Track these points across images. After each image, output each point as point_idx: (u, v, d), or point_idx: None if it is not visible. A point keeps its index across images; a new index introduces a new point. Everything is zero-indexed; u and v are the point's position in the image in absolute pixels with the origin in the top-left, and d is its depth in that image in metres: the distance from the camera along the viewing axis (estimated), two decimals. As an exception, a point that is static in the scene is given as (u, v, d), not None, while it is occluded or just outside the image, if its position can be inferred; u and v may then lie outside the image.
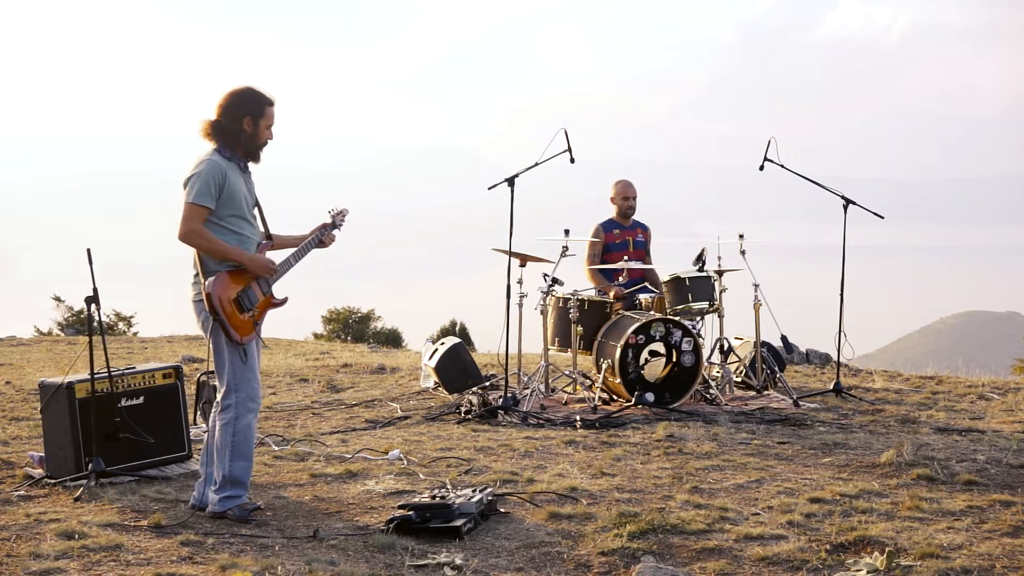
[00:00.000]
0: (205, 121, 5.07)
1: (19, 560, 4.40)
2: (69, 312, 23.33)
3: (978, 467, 5.97)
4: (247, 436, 5.07)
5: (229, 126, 5.03)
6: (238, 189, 5.04)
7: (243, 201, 5.07)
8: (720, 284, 8.75)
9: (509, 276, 8.02)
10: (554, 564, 4.44)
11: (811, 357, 11.37)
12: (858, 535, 4.65)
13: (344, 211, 5.48)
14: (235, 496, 5.06)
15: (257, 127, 5.06)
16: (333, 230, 5.42)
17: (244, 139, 5.06)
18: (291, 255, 5.27)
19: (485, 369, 9.64)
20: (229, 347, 5.01)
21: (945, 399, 8.69)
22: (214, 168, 4.96)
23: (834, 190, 8.91)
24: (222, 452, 5.05)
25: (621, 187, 9.21)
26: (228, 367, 5.02)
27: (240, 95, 5.06)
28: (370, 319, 25.21)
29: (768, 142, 8.72)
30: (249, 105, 5.05)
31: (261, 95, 5.08)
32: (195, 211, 4.92)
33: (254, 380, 5.09)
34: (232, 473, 5.04)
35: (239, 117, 5.03)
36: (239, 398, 5.04)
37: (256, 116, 5.05)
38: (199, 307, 5.05)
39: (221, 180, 4.96)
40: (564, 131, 8.00)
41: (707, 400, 8.33)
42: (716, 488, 5.64)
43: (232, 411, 5.04)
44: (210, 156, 5.02)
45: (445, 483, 5.60)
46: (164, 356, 13.23)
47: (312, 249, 5.34)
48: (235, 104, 5.04)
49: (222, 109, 5.05)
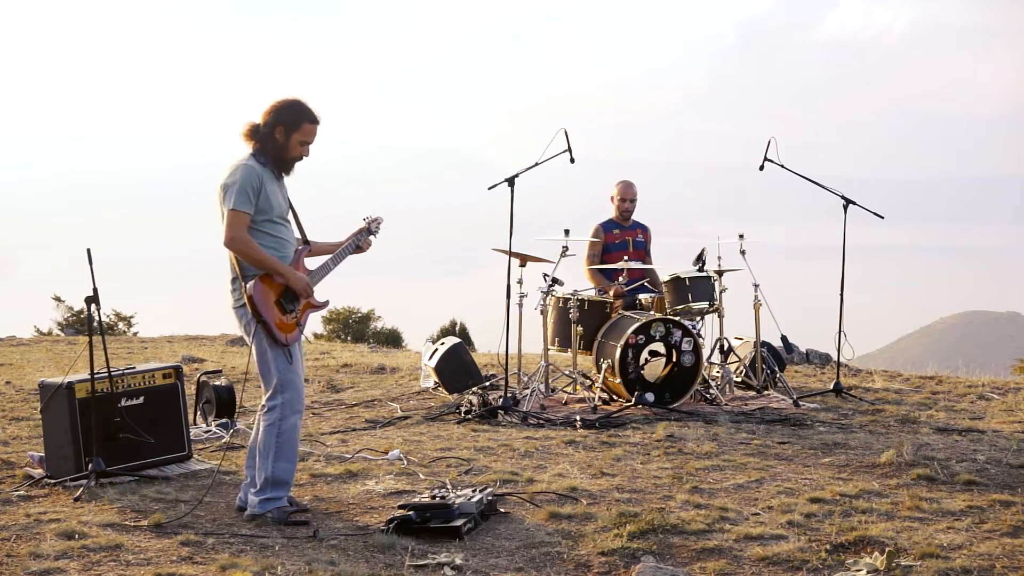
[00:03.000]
0: (249, 123, 5.07)
1: (19, 560, 4.40)
2: (69, 312, 23.31)
3: (978, 467, 5.97)
4: (292, 438, 5.07)
5: (265, 131, 5.03)
6: (273, 194, 5.03)
7: (279, 206, 5.07)
8: (720, 284, 8.75)
9: (509, 276, 8.02)
10: (554, 564, 4.44)
11: (811, 357, 11.37)
12: (858, 535, 4.65)
13: (379, 219, 5.48)
14: (276, 498, 5.07)
15: (288, 139, 5.03)
16: (369, 236, 5.42)
17: (274, 148, 5.03)
18: (329, 259, 5.27)
19: (485, 369, 9.64)
20: (273, 349, 5.01)
21: (945, 399, 8.69)
22: (250, 173, 4.95)
23: (834, 190, 8.91)
24: (265, 453, 5.04)
25: (621, 188, 9.20)
26: (273, 369, 5.02)
27: (283, 105, 5.04)
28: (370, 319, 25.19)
29: (768, 142, 8.72)
30: (286, 116, 5.02)
31: (304, 110, 5.04)
32: (238, 218, 4.90)
33: (299, 381, 5.09)
34: (274, 475, 5.05)
35: (274, 125, 5.01)
36: (285, 399, 5.03)
37: (290, 129, 5.02)
38: (241, 312, 5.04)
39: (258, 185, 4.95)
40: (564, 131, 8.00)
41: (707, 400, 8.33)
42: (716, 488, 5.64)
43: (278, 412, 5.03)
44: (245, 161, 5.00)
45: (445, 483, 5.60)
46: (164, 356, 13.23)
47: (349, 254, 5.34)
48: (275, 112, 5.03)
49: (264, 114, 5.05)
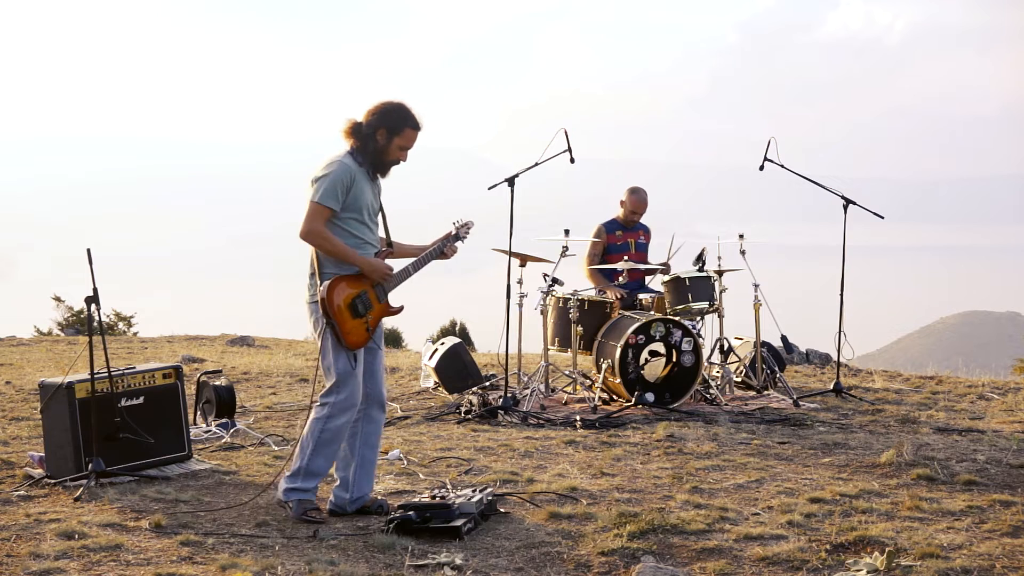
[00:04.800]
0: (350, 120, 5.06)
1: (19, 560, 4.40)
2: (69, 312, 23.29)
3: (978, 467, 5.97)
4: (336, 436, 5.07)
5: (366, 132, 5.02)
6: (364, 194, 5.02)
7: (367, 206, 5.06)
8: (720, 284, 8.75)
9: (509, 276, 8.02)
10: (554, 564, 4.44)
11: (811, 357, 11.37)
12: (858, 535, 4.65)
13: (470, 223, 5.46)
14: (304, 489, 5.09)
15: (389, 142, 5.03)
16: (456, 242, 5.39)
17: (373, 149, 5.03)
18: (410, 264, 5.26)
19: (485, 369, 9.64)
20: (337, 351, 5.00)
21: (945, 399, 8.69)
22: (344, 170, 4.95)
23: (834, 190, 8.91)
24: (306, 443, 5.07)
25: (633, 201, 9.02)
26: (333, 368, 5.02)
27: (388, 107, 5.04)
28: (370, 319, 25.11)
29: (768, 142, 8.72)
30: (390, 119, 5.02)
31: (408, 115, 5.04)
32: (319, 211, 4.90)
33: (358, 386, 5.06)
34: (310, 466, 5.07)
35: (376, 127, 5.01)
36: (338, 399, 5.03)
37: (392, 132, 5.01)
38: (313, 308, 5.04)
39: (349, 183, 4.94)
40: (564, 131, 8.00)
41: (707, 400, 8.33)
42: (716, 488, 5.64)
43: (328, 409, 5.04)
44: (342, 158, 5.00)
45: (445, 483, 5.61)
46: (164, 356, 13.22)
47: (432, 260, 5.33)
48: (379, 114, 5.02)
49: (368, 114, 5.04)
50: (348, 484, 5.18)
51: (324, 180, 4.93)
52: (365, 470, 5.20)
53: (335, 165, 4.97)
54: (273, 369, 11.08)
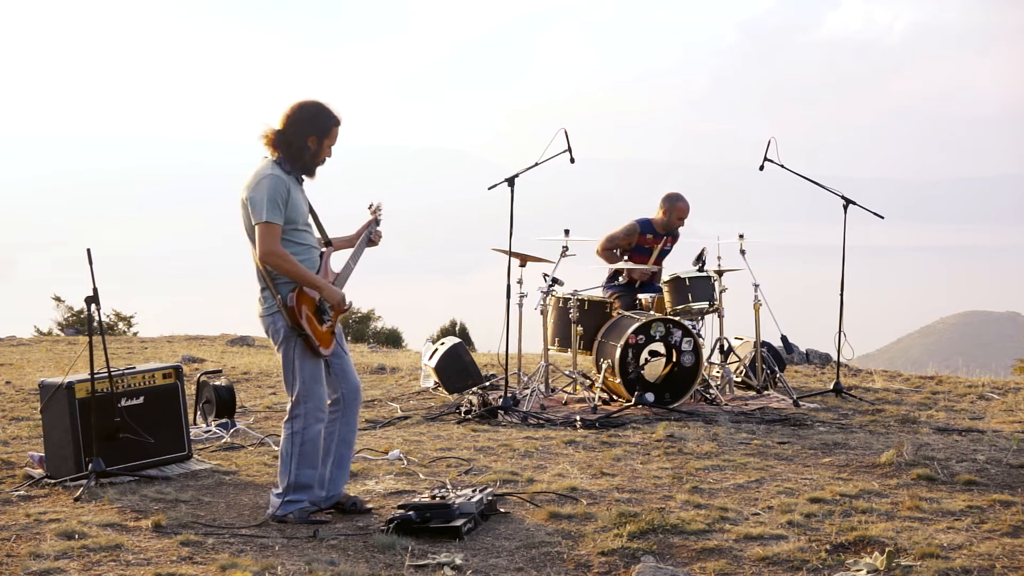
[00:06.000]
0: (270, 130, 4.98)
1: (19, 560, 4.40)
2: (69, 312, 23.28)
3: (978, 467, 5.97)
4: (315, 445, 5.07)
5: (295, 141, 4.97)
6: (299, 202, 5.01)
7: (304, 213, 5.06)
8: (720, 284, 8.75)
9: (509, 276, 8.02)
10: (554, 564, 4.44)
11: (811, 357, 11.37)
12: (858, 535, 4.65)
13: (381, 204, 5.47)
14: (297, 501, 5.08)
15: (321, 146, 5.01)
16: (377, 226, 5.42)
17: (307, 156, 5.01)
18: (349, 259, 5.28)
19: (485, 369, 9.64)
20: (302, 360, 4.99)
21: (945, 399, 8.69)
22: (279, 183, 4.91)
23: (834, 190, 8.91)
24: (287, 460, 5.06)
25: (681, 209, 8.94)
26: (298, 378, 5.01)
27: (311, 111, 4.99)
28: (370, 319, 25.15)
29: (768, 142, 8.72)
30: (318, 123, 4.99)
31: (331, 115, 5.02)
32: (270, 230, 4.86)
33: (324, 390, 5.09)
34: (298, 480, 5.06)
35: (306, 135, 4.97)
36: (307, 408, 5.03)
37: (323, 135, 5.00)
38: (269, 320, 5.01)
39: (286, 195, 4.91)
40: (564, 131, 8.00)
41: (707, 400, 8.33)
42: (716, 488, 5.64)
43: (301, 421, 5.04)
44: (271, 171, 4.94)
45: (445, 483, 5.60)
46: (164, 356, 13.22)
47: (365, 248, 5.36)
48: (304, 120, 4.97)
49: (289, 122, 4.97)
50: (323, 482, 5.19)
51: (263, 197, 4.86)
52: (341, 468, 5.23)
53: (268, 179, 4.91)
54: (273, 369, 11.07)
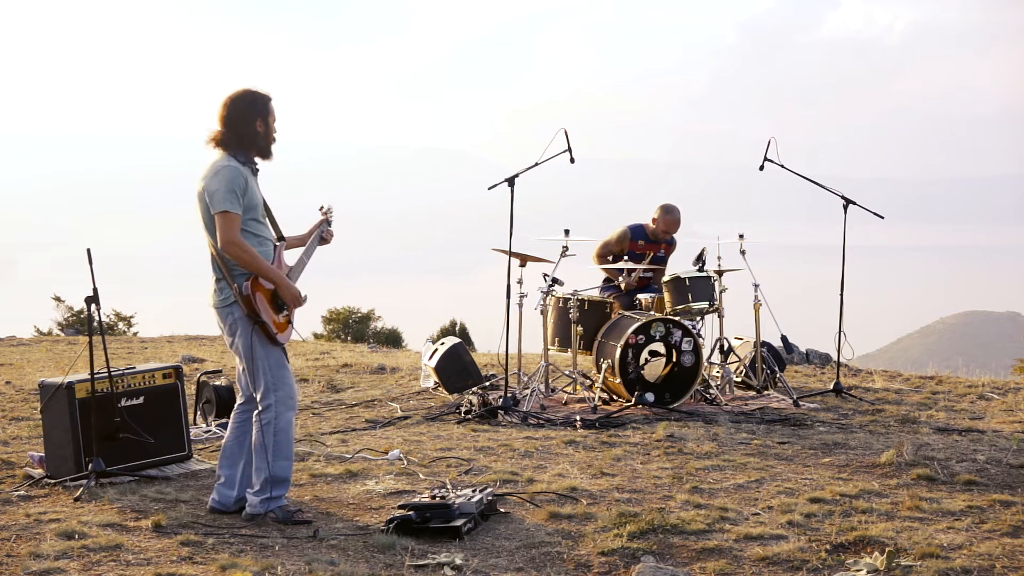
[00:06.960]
0: (215, 131, 5.03)
1: (19, 560, 4.40)
2: (69, 312, 23.29)
3: (978, 467, 5.97)
4: (288, 435, 5.08)
5: (244, 130, 5.02)
6: (255, 193, 5.05)
7: (259, 204, 5.09)
8: (720, 284, 8.74)
9: (509, 276, 8.02)
10: (554, 564, 4.44)
11: (811, 357, 11.37)
12: (858, 535, 4.65)
13: (331, 207, 5.58)
14: (277, 497, 5.07)
15: (268, 126, 5.08)
16: (329, 226, 5.50)
17: (260, 140, 5.07)
18: (303, 254, 5.33)
19: (485, 369, 9.64)
20: (265, 348, 5.02)
21: (945, 399, 8.69)
22: (236, 173, 4.95)
23: (834, 190, 8.91)
24: (262, 453, 5.04)
25: (667, 222, 8.98)
26: (263, 368, 5.02)
27: (246, 98, 5.05)
28: (370, 319, 25.17)
29: (768, 142, 8.72)
30: (257, 106, 5.06)
31: (262, 94, 5.10)
32: (229, 219, 4.88)
33: (290, 378, 5.12)
34: (275, 473, 5.05)
35: (251, 120, 5.03)
36: (278, 397, 5.04)
37: (265, 115, 5.07)
38: (226, 312, 5.02)
39: (243, 185, 4.95)
40: (564, 131, 8.00)
41: (707, 400, 8.33)
42: (716, 488, 5.64)
43: (272, 411, 5.04)
44: (228, 163, 4.98)
45: (445, 483, 5.60)
46: (164, 356, 13.22)
47: (317, 246, 5.43)
48: (244, 108, 5.03)
49: (231, 115, 5.02)
50: (234, 482, 5.18)
51: (221, 187, 4.89)
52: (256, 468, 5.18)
53: (226, 169, 4.94)
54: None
